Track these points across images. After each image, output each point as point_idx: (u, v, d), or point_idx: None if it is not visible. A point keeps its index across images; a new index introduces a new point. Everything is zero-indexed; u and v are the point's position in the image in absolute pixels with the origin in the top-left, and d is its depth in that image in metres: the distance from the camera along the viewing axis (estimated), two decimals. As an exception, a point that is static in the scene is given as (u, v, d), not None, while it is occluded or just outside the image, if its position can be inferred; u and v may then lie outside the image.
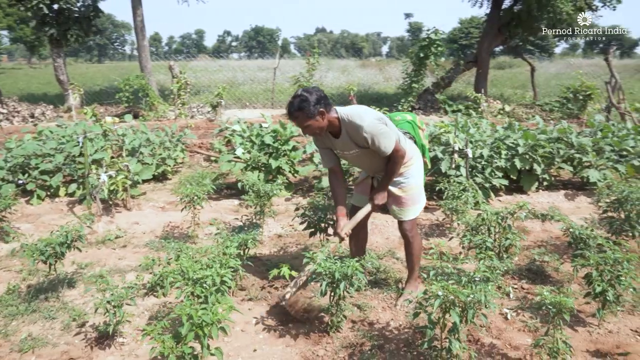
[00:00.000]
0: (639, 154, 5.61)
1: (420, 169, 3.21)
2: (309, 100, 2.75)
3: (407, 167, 3.11)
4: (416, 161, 3.17)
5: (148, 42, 13.75)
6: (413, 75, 13.31)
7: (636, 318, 3.16)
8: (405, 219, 3.18)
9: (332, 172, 3.17)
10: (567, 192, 5.69)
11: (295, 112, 2.80)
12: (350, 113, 2.84)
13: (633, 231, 3.74)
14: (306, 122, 2.80)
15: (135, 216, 5.09)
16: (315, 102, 2.76)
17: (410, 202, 3.15)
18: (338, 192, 3.15)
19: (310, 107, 2.75)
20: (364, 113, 2.83)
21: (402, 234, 3.27)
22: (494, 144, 5.65)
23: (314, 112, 2.76)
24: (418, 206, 3.21)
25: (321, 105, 2.78)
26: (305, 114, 2.77)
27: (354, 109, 2.88)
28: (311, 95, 2.76)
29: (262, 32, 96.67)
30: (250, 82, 20.40)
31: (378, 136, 2.79)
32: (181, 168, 7.16)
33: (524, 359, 2.70)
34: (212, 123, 11.06)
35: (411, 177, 3.13)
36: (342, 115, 2.86)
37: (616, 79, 10.40)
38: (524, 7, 12.65)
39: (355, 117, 2.81)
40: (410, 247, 3.26)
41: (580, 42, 58.72)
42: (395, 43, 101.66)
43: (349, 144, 2.92)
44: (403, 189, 3.13)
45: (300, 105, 2.76)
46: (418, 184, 3.17)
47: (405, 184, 3.13)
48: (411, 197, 3.15)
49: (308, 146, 5.95)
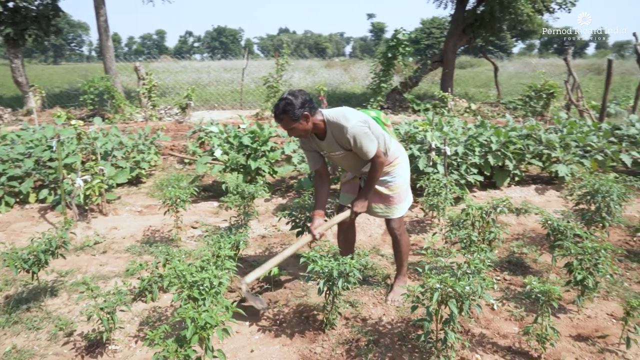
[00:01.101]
0: (601, 149, 5.90)
1: (407, 167, 3.28)
2: (293, 103, 2.79)
3: (394, 166, 3.17)
4: (402, 160, 3.23)
5: (112, 43, 13.36)
6: (381, 75, 13.52)
7: (610, 303, 3.34)
8: (393, 217, 3.24)
9: (318, 174, 3.20)
10: (537, 187, 5.93)
11: (280, 115, 2.84)
12: (335, 115, 2.89)
13: (603, 222, 3.95)
14: (291, 124, 2.85)
15: (112, 221, 4.96)
16: (300, 105, 2.81)
17: (398, 200, 3.22)
18: (320, 194, 3.19)
19: (295, 110, 2.80)
20: (349, 114, 2.89)
21: (390, 232, 3.31)
22: (467, 141, 5.82)
23: (298, 115, 2.81)
24: (405, 204, 3.28)
25: (306, 108, 2.83)
26: (290, 116, 2.81)
27: (339, 111, 2.93)
28: (296, 99, 2.81)
29: (225, 32, 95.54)
30: (216, 83, 20.16)
31: (361, 138, 2.84)
32: (154, 171, 7.03)
33: (513, 346, 2.81)
34: (181, 125, 10.88)
35: (398, 176, 3.19)
36: (328, 117, 2.90)
37: (575, 78, 10.88)
38: (487, 8, 13.06)
39: (340, 118, 2.86)
40: (398, 244, 3.31)
41: (536, 42, 60.97)
42: (359, 43, 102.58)
43: (334, 145, 2.97)
44: (390, 188, 3.18)
45: (285, 108, 2.81)
46: (405, 182, 3.24)
47: (392, 182, 3.18)
48: (398, 195, 3.21)
49: (286, 146, 5.96)
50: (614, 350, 2.77)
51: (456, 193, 5.01)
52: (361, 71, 25.61)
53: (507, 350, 2.76)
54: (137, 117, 11.41)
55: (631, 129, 6.71)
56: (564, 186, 5.88)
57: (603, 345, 2.82)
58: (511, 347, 2.81)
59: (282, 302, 3.32)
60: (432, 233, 4.32)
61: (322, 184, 3.18)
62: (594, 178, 4.04)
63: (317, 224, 3.07)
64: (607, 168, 5.96)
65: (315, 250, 2.86)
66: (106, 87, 11.52)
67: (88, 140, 5.11)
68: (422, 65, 14.42)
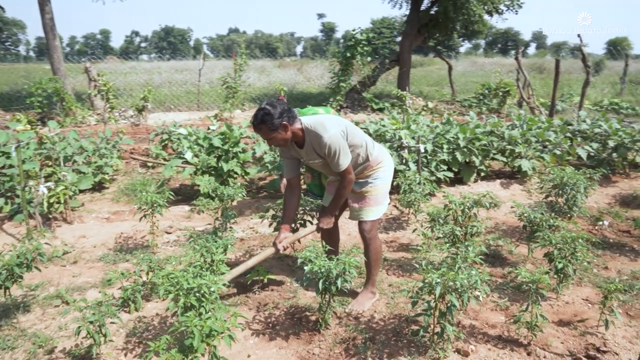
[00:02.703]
0: (559, 144, 6.23)
1: (390, 173, 3.24)
2: (271, 113, 2.77)
3: (375, 170, 3.15)
4: (386, 164, 3.20)
5: (59, 42, 12.68)
6: (340, 75, 13.63)
7: (584, 288, 3.53)
8: (366, 219, 3.15)
9: (289, 185, 3.17)
10: (502, 181, 6.17)
11: (258, 125, 2.81)
12: (314, 123, 2.87)
13: (571, 212, 4.16)
14: (269, 134, 2.82)
15: (79, 229, 4.72)
16: (279, 115, 2.78)
17: (374, 203, 3.15)
18: (289, 206, 3.16)
19: (274, 120, 2.77)
20: (328, 124, 2.86)
21: (361, 235, 3.20)
22: (435, 138, 5.97)
23: (277, 125, 2.79)
24: (380, 207, 3.20)
25: (284, 117, 2.80)
26: (268, 126, 2.79)
27: (318, 119, 2.91)
28: (274, 109, 2.79)
29: (173, 32, 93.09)
30: (169, 84, 19.61)
31: (336, 150, 2.81)
32: (117, 176, 6.74)
33: (502, 335, 2.91)
34: (138, 128, 10.51)
35: (379, 179, 3.16)
36: (306, 126, 2.88)
37: (525, 77, 11.43)
38: (440, 9, 13.46)
39: (319, 127, 2.84)
40: (368, 249, 3.19)
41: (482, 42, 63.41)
42: (309, 43, 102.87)
43: (312, 154, 2.95)
44: (367, 189, 3.15)
45: (263, 118, 2.78)
46: (384, 187, 3.20)
47: (372, 184, 3.15)
48: (375, 197, 3.15)
49: (257, 147, 5.88)
50: (594, 332, 2.93)
51: (429, 189, 5.12)
52: (315, 71, 25.72)
53: (498, 339, 2.86)
54: (90, 121, 10.91)
55: (582, 124, 7.13)
56: (527, 180, 6.17)
57: (583, 328, 2.98)
58: (501, 335, 2.91)
59: (271, 305, 3.28)
60: (413, 229, 4.42)
61: (292, 196, 3.15)
62: (562, 172, 4.25)
63: (282, 237, 3.06)
64: (563, 162, 6.30)
65: (309, 251, 2.85)
66: (55, 89, 10.94)
67: (50, 145, 4.83)
68: (380, 65, 14.66)
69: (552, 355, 2.69)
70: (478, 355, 2.70)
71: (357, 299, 3.27)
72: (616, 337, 2.88)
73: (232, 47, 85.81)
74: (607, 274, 3.76)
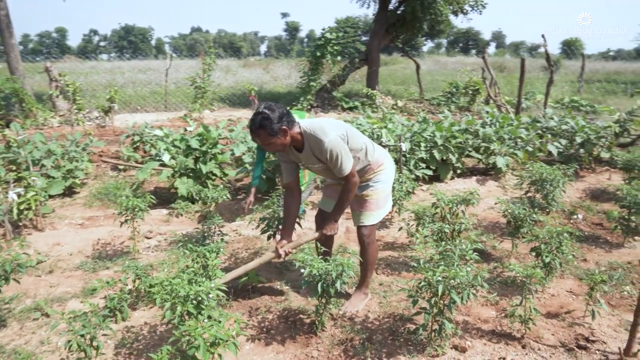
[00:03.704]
0: (531, 141, 6.42)
1: (391, 175, 3.20)
2: (270, 118, 2.66)
3: (377, 173, 3.09)
4: (387, 167, 3.16)
5: (17, 40, 12.10)
6: (310, 74, 13.60)
7: (566, 281, 3.65)
8: (366, 223, 3.10)
9: (289, 189, 3.09)
10: (477, 178, 6.31)
11: (257, 130, 2.70)
12: (313, 127, 2.78)
13: (550, 207, 4.29)
14: (268, 139, 2.72)
15: (52, 237, 4.51)
16: (278, 119, 2.68)
17: (375, 207, 3.10)
18: (289, 211, 3.07)
19: (273, 125, 2.67)
20: (328, 128, 2.78)
21: (360, 239, 3.16)
22: (413, 137, 6.04)
23: (276, 130, 2.69)
24: (382, 211, 3.16)
25: (283, 122, 2.71)
26: (267, 132, 2.68)
27: (317, 123, 2.82)
28: (273, 113, 2.68)
29: (134, 31, 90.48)
30: (133, 84, 19.06)
31: (338, 154, 2.73)
32: (87, 180, 6.49)
33: (495, 329, 2.97)
34: (104, 129, 10.16)
35: (380, 182, 3.11)
36: (305, 129, 2.79)
37: (492, 75, 11.73)
38: (408, 9, 13.64)
39: (318, 132, 2.75)
40: (365, 253, 3.14)
41: (444, 41, 64.82)
42: (274, 42, 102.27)
43: (312, 158, 2.87)
44: (368, 193, 3.09)
45: (262, 123, 2.67)
46: (386, 190, 3.16)
47: (373, 187, 3.09)
48: (376, 201, 3.10)
49: (235, 148, 5.79)
50: (581, 323, 3.03)
51: (410, 188, 5.17)
52: (282, 70, 25.59)
53: (492, 334, 2.91)
54: (52, 122, 10.46)
55: (550, 122, 7.37)
56: (501, 176, 6.33)
57: (571, 319, 3.07)
58: (494, 330, 2.96)
59: (264, 309, 3.22)
60: (399, 228, 4.44)
61: (292, 201, 3.07)
62: (541, 168, 4.37)
63: (284, 242, 2.97)
64: (535, 158, 6.50)
65: (305, 253, 2.81)
66: (14, 90, 10.43)
67: (16, 149, 4.58)
68: (350, 64, 14.73)
69: (545, 347, 2.76)
70: (475, 351, 2.74)
71: (351, 300, 3.25)
72: (602, 327, 2.98)
73: (195, 46, 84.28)
74: (586, 266, 3.89)
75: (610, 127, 6.54)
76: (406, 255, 4.12)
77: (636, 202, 3.97)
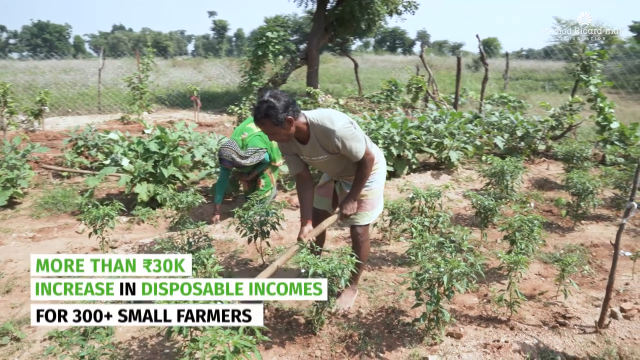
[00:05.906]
0: (479, 135, 6.80)
1: (384, 174, 3.24)
2: (276, 107, 2.59)
3: (373, 172, 3.10)
4: (381, 167, 3.19)
5: None
6: (252, 74, 13.44)
7: (533, 264, 3.91)
8: (361, 223, 3.11)
9: (300, 178, 3.04)
10: (432, 172, 6.58)
11: (261, 119, 2.63)
12: (320, 117, 2.74)
13: (509, 197, 4.59)
14: (273, 129, 2.66)
15: (1, 253, 4.12)
16: (283, 108, 2.61)
17: (369, 207, 3.12)
18: (305, 200, 3.02)
19: (278, 115, 2.60)
20: (335, 117, 2.75)
21: (353, 238, 3.15)
22: (371, 134, 6.17)
23: (281, 120, 2.62)
24: (375, 211, 3.18)
25: (289, 111, 2.64)
26: (272, 121, 2.62)
27: (323, 113, 2.78)
28: (279, 102, 2.61)
29: (48, 28, 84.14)
30: (55, 85, 17.75)
31: (350, 140, 2.74)
32: (27, 190, 5.99)
33: (482, 315, 3.14)
34: (35, 134, 9.43)
35: (374, 182, 3.13)
36: (312, 120, 2.75)
37: (430, 73, 12.25)
38: (347, 8, 13.87)
39: (326, 121, 2.72)
40: (359, 251, 3.11)
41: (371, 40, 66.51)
42: (201, 42, 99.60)
43: (318, 149, 2.83)
44: (364, 193, 3.09)
45: (267, 112, 2.60)
46: (379, 189, 3.19)
47: (368, 187, 3.09)
48: (371, 201, 3.11)
49: (196, 150, 5.61)
50: (555, 302, 3.28)
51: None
52: (215, 70, 25.03)
53: (480, 319, 3.07)
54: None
55: (492, 117, 7.85)
56: (453, 170, 6.64)
57: (545, 300, 3.32)
58: (481, 315, 3.13)
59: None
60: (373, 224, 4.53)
61: (306, 189, 3.02)
62: (502, 161, 4.66)
63: (307, 231, 2.93)
64: (482, 151, 6.90)
65: (305, 253, 2.80)
66: None
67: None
68: (290, 62, 14.73)
69: (531, 327, 2.96)
70: (469, 336, 2.88)
71: (341, 297, 3.26)
72: (573, 304, 3.25)
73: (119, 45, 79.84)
74: (547, 250, 4.21)
75: (548, 121, 7.09)
76: (382, 250, 4.22)
77: (585, 189, 4.35)
